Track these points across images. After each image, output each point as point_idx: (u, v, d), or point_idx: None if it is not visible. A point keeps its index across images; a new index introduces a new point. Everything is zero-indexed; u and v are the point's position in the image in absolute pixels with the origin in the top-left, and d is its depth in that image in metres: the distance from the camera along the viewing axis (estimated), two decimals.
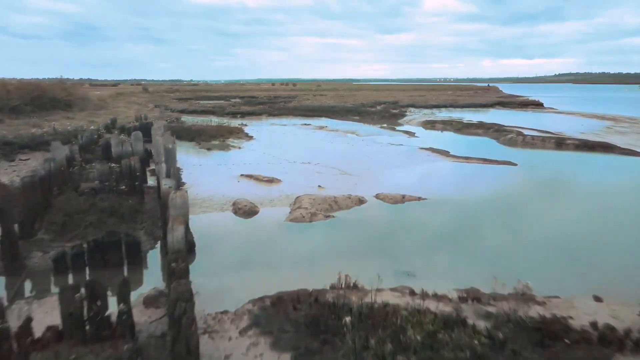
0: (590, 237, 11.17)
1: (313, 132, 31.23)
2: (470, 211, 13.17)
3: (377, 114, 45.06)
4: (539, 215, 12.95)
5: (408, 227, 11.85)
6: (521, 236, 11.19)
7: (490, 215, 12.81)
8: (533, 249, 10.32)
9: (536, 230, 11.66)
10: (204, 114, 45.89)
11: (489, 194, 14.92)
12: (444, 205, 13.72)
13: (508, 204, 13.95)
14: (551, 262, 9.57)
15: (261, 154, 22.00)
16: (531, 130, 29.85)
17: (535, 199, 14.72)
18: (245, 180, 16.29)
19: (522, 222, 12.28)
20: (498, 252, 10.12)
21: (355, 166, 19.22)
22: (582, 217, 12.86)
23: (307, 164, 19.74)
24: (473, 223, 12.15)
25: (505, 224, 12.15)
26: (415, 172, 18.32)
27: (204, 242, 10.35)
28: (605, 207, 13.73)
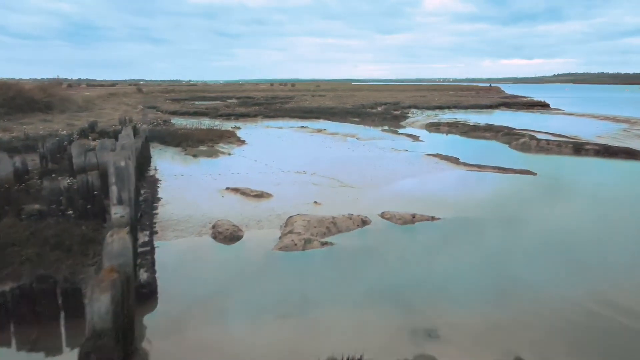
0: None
1: (310, 136, 29.16)
2: (495, 235, 11.11)
3: (377, 115, 43.03)
4: (580, 240, 10.89)
5: (422, 258, 9.79)
6: (566, 270, 9.14)
7: (522, 241, 10.74)
8: (583, 287, 8.27)
9: (581, 258, 9.61)
10: (196, 115, 43.79)
11: (512, 212, 12.86)
12: (462, 227, 11.66)
13: (538, 224, 11.89)
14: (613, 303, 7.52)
15: (252, 162, 19.93)
16: (544, 133, 27.84)
17: (567, 217, 12.65)
18: (230, 195, 14.21)
19: (563, 250, 10.22)
20: (542, 297, 8.06)
21: (357, 176, 17.16)
22: (633, 244, 10.82)
23: (302, 173, 17.68)
24: (501, 252, 10.09)
25: (543, 252, 10.09)
26: (424, 183, 16.27)
27: (171, 280, 8.31)
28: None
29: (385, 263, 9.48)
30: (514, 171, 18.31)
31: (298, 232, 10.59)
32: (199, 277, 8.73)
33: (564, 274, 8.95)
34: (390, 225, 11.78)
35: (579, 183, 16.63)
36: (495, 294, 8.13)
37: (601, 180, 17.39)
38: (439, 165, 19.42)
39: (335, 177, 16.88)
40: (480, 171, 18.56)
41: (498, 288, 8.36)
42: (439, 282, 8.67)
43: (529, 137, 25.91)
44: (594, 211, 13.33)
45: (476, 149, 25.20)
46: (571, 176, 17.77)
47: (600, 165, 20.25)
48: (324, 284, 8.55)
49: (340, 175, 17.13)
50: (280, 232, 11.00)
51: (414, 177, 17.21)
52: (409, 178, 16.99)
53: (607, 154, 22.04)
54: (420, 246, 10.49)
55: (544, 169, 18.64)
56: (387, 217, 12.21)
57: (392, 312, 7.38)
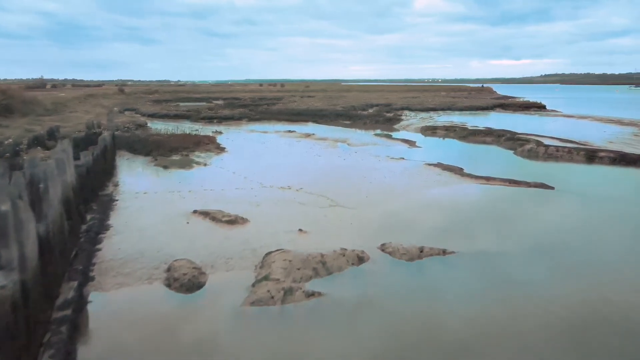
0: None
1: (297, 142, 26.78)
2: (525, 275, 8.83)
3: (369, 118, 40.80)
4: (630, 279, 8.66)
5: (437, 311, 7.47)
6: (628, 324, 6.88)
7: (561, 284, 8.46)
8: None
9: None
10: (177, 118, 41.18)
11: (540, 243, 10.59)
12: (483, 265, 9.38)
13: (574, 257, 9.64)
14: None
15: (230, 175, 17.49)
16: (549, 138, 25.77)
17: (603, 246, 10.44)
18: (198, 220, 11.78)
19: (614, 294, 7.97)
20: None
21: (349, 192, 14.84)
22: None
23: (286, 189, 15.30)
24: (536, 302, 7.80)
25: (597, 312, 7.82)
26: (428, 202, 13.99)
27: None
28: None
29: (389, 324, 7.14)
30: (527, 184, 16.12)
31: (276, 278, 8.21)
32: (137, 351, 6.33)
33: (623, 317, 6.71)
34: (392, 263, 9.47)
35: (608, 201, 14.42)
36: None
37: (634, 197, 15.20)
38: (442, 178, 17.16)
39: (325, 194, 14.54)
40: (489, 184, 16.35)
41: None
42: (458, 348, 6.36)
43: (536, 142, 23.82)
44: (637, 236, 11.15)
45: (479, 156, 23.05)
46: (594, 191, 15.58)
47: (622, 176, 18.16)
48: (308, 357, 6.22)
49: (330, 192, 14.79)
50: (255, 275, 8.62)
51: (416, 193, 14.92)
52: (410, 194, 14.70)
53: (624, 163, 19.99)
54: (433, 294, 8.18)
55: (560, 182, 16.47)
56: (389, 251, 9.89)
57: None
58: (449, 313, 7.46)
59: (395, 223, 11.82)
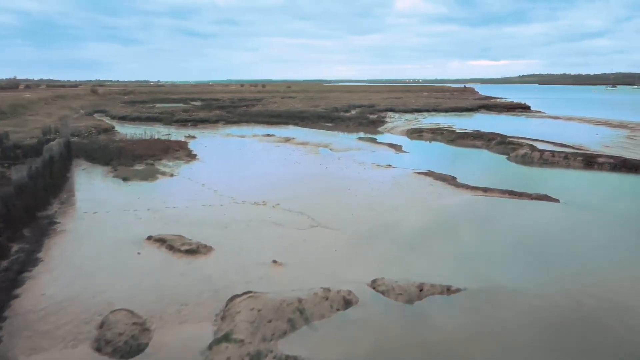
0: None
1: (276, 147, 24.88)
2: (552, 323, 7.17)
3: (352, 120, 39.13)
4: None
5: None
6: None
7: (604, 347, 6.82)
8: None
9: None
10: (149, 121, 38.80)
11: (559, 273, 8.96)
12: (495, 306, 7.69)
13: (605, 295, 8.04)
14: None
15: (198, 188, 15.53)
16: (542, 142, 24.46)
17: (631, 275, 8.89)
18: (152, 250, 9.83)
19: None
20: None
21: (333, 209, 13.06)
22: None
23: (261, 205, 13.44)
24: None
25: None
26: (422, 219, 12.30)
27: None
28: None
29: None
30: (529, 197, 14.59)
31: (240, 338, 6.34)
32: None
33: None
34: (386, 306, 7.71)
35: (626, 218, 12.96)
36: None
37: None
38: (435, 189, 15.51)
39: (305, 211, 12.72)
40: (488, 196, 14.77)
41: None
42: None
43: (529, 147, 22.44)
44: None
45: (471, 162, 21.54)
46: (604, 204, 14.10)
47: (628, 185, 16.79)
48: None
49: (311, 208, 12.98)
50: (214, 331, 6.76)
51: (408, 209, 13.21)
52: (401, 211, 12.98)
53: (625, 169, 18.70)
54: (439, 348, 6.45)
55: (563, 192, 14.98)
56: (382, 290, 8.12)
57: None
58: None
59: (387, 249, 10.08)
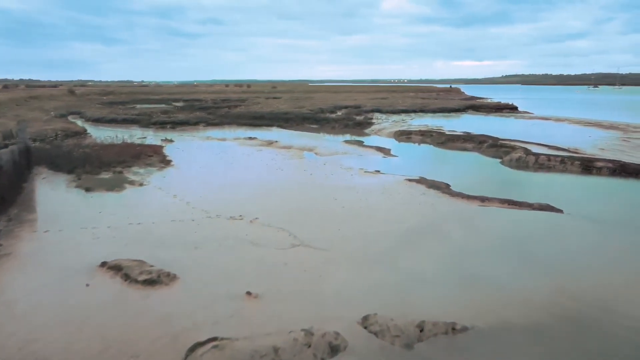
0: None
1: (258, 152, 23.46)
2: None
3: (338, 121, 37.89)
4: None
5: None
6: None
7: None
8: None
9: None
10: (125, 123, 37.03)
11: (582, 304, 7.78)
12: (509, 348, 6.47)
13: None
14: None
15: (169, 199, 14.08)
16: (536, 145, 23.48)
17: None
18: (104, 280, 8.39)
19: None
20: None
21: (318, 223, 11.76)
22: None
23: (238, 219, 12.07)
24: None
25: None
26: (417, 235, 11.06)
27: None
28: None
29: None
30: (530, 206, 13.48)
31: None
32: None
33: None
34: (381, 350, 6.44)
35: (638, 227, 11.90)
36: None
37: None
38: (428, 199, 14.31)
39: (286, 227, 11.39)
40: (486, 206, 13.63)
41: None
42: None
43: (523, 150, 21.44)
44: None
45: (463, 167, 20.43)
46: (611, 214, 12.98)
47: (632, 190, 15.81)
48: None
49: (293, 223, 11.66)
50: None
51: (401, 222, 11.95)
52: (394, 225, 11.73)
53: (625, 174, 17.78)
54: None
55: (565, 201, 13.92)
56: (375, 330, 6.84)
57: None
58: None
59: (379, 274, 8.81)
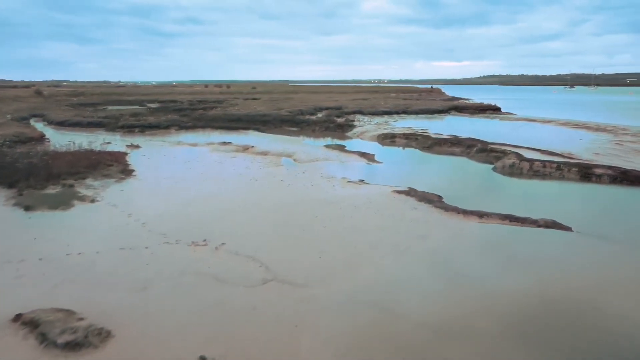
0: None
1: (231, 159, 21.55)
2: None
3: (319, 124, 36.16)
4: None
5: None
6: None
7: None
8: None
9: None
10: (90, 127, 34.56)
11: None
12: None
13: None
14: None
15: (123, 219, 12.11)
16: (527, 149, 22.18)
17: None
18: (13, 342, 6.47)
19: None
20: None
21: (295, 249, 10.02)
22: None
23: (201, 245, 10.23)
24: None
25: None
26: (410, 266, 9.41)
27: None
28: None
29: None
30: (534, 223, 12.00)
31: None
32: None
33: None
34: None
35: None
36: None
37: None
38: (419, 214, 12.69)
39: (258, 255, 9.61)
40: (484, 223, 12.10)
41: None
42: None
43: (516, 156, 20.10)
44: None
45: (453, 174, 18.94)
46: (626, 232, 11.58)
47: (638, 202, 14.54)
48: None
49: (266, 249, 9.89)
50: None
51: (391, 247, 10.29)
52: (382, 250, 10.06)
53: (627, 182, 16.54)
54: None
55: (571, 216, 12.50)
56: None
57: None
58: None
59: (371, 321, 7.10)
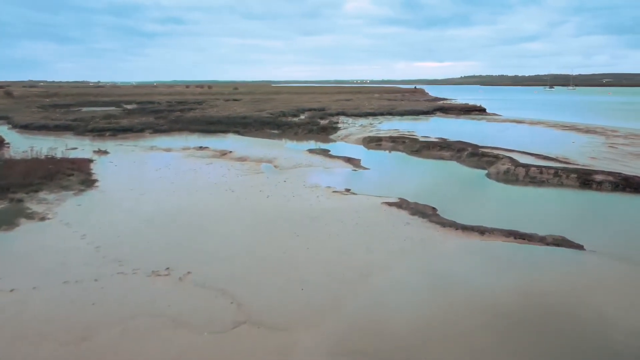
0: None
1: (207, 166, 19.92)
2: None
3: (301, 126, 34.73)
4: None
5: None
6: None
7: None
8: None
9: None
10: (58, 130, 32.47)
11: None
12: None
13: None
14: None
15: (74, 242, 10.47)
16: (519, 153, 21.11)
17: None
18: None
19: None
20: None
21: (273, 279, 8.56)
22: None
23: (163, 275, 8.70)
24: None
25: None
26: (410, 301, 8.04)
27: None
28: None
29: None
30: (542, 241, 10.77)
31: None
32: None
33: None
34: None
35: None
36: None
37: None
38: (414, 231, 11.35)
39: (229, 289, 8.13)
40: (486, 240, 10.83)
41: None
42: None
43: (510, 161, 18.99)
44: None
45: (446, 182, 17.71)
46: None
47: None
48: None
49: (239, 281, 8.42)
50: None
51: (386, 277, 8.91)
52: (376, 282, 8.67)
53: (630, 189, 15.54)
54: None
55: (580, 230, 11.34)
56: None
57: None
58: None
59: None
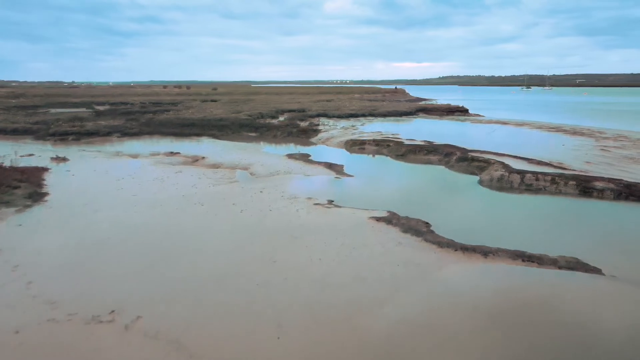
0: None
1: (175, 175, 18.10)
2: None
3: (280, 129, 33.10)
4: None
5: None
6: None
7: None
8: None
9: None
10: (15, 135, 30.05)
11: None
12: None
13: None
14: None
15: (5, 274, 8.65)
16: (511, 157, 19.95)
17: None
18: None
19: None
20: None
21: (243, 325, 6.96)
22: None
23: (105, 323, 7.00)
24: None
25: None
26: (409, 354, 6.55)
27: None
28: None
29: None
30: (554, 263, 9.45)
31: None
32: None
33: None
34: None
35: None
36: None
37: None
38: (407, 253, 9.89)
39: (185, 340, 6.50)
40: (491, 263, 9.46)
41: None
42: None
43: (503, 166, 17.77)
44: None
45: (436, 191, 16.34)
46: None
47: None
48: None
49: (199, 328, 6.78)
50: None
51: (378, 316, 7.41)
52: (367, 324, 7.15)
53: (633, 197, 14.46)
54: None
55: (592, 249, 10.09)
56: None
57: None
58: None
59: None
